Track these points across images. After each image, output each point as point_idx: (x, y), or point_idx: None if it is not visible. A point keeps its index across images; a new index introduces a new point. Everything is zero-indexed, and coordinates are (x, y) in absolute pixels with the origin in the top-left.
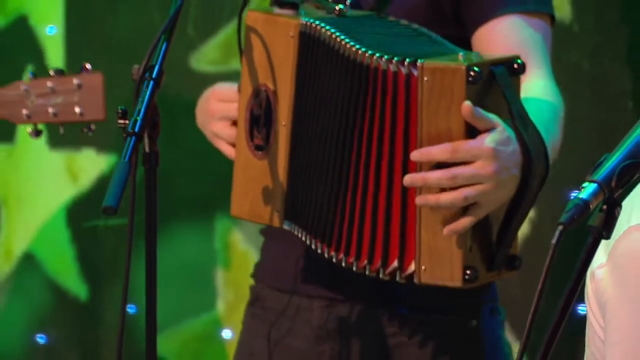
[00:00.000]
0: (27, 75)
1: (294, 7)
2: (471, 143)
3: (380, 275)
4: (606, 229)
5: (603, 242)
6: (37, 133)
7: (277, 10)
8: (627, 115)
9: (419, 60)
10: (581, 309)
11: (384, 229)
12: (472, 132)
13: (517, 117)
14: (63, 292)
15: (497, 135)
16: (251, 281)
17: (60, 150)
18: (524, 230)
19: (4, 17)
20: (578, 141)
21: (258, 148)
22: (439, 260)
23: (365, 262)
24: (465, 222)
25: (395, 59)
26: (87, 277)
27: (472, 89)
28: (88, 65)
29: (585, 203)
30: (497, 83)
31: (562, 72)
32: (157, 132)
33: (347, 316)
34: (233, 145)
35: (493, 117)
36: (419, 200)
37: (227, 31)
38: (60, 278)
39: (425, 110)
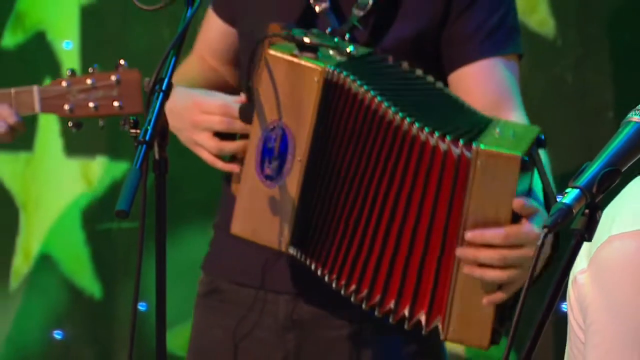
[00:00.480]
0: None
1: (314, 50)
2: (522, 230)
3: (404, 326)
4: (588, 231)
5: (585, 247)
6: (77, 126)
7: (297, 52)
8: (608, 126)
9: (473, 144)
10: (564, 306)
11: (416, 283)
12: (517, 216)
13: (550, 196)
14: (78, 290)
15: (540, 221)
16: (200, 273)
17: (75, 158)
18: None
19: (22, 32)
20: (562, 151)
21: (268, 177)
22: (468, 324)
23: (391, 306)
24: (502, 296)
25: (448, 137)
26: (101, 276)
27: (521, 175)
28: (123, 62)
29: (569, 207)
30: (534, 163)
31: (546, 84)
32: (166, 140)
33: (312, 309)
34: (215, 155)
35: (535, 204)
36: (467, 269)
37: None
38: (76, 277)
39: (475, 191)
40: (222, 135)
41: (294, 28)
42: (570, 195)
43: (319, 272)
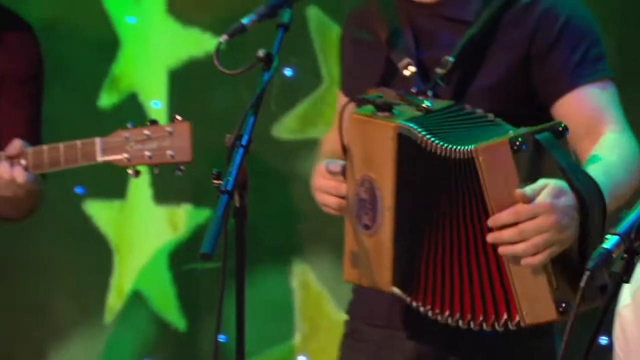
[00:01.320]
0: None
1: (389, 109)
2: (530, 205)
3: (496, 328)
4: (626, 274)
5: (629, 285)
6: (136, 173)
7: (376, 112)
8: None
9: (472, 145)
10: (602, 339)
11: (491, 289)
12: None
13: (567, 169)
14: (165, 324)
15: (549, 191)
16: (346, 317)
17: (163, 205)
18: None
19: (117, 94)
20: None
21: (366, 227)
22: (534, 302)
23: (481, 318)
24: (540, 257)
25: (459, 147)
26: (186, 311)
27: (519, 157)
28: (178, 117)
29: (609, 252)
30: (543, 147)
31: None
32: (245, 190)
33: (434, 345)
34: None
35: (541, 182)
36: (502, 249)
37: (303, 106)
38: (163, 312)
39: (489, 185)
40: None
41: (383, 91)
42: (610, 241)
43: (414, 304)
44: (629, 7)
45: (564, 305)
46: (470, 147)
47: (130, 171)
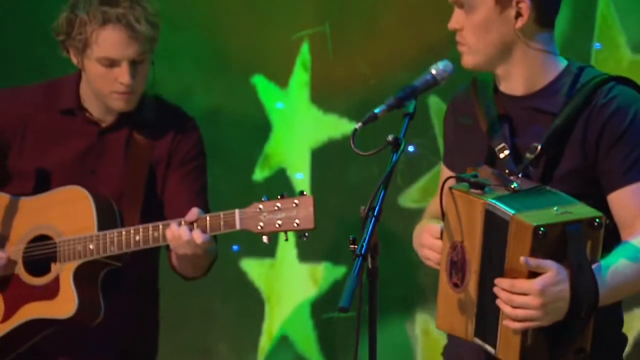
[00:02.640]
0: None
1: (482, 187)
2: (524, 282)
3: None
4: None
5: None
6: (269, 239)
7: (471, 189)
8: None
9: (511, 211)
10: None
11: (500, 328)
12: (533, 272)
13: (574, 265)
14: None
15: (547, 278)
16: (442, 359)
17: (306, 263)
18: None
19: (269, 169)
20: None
21: (455, 285)
22: (506, 345)
23: (497, 349)
24: (517, 325)
25: (508, 208)
26: (325, 353)
27: (538, 242)
28: (305, 192)
29: None
30: (568, 239)
31: None
32: (377, 253)
33: None
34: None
35: (548, 264)
36: (498, 301)
37: (424, 179)
38: (306, 354)
39: (510, 248)
40: None
41: (481, 169)
42: None
43: (490, 350)
44: None
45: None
46: (513, 213)
47: (265, 238)
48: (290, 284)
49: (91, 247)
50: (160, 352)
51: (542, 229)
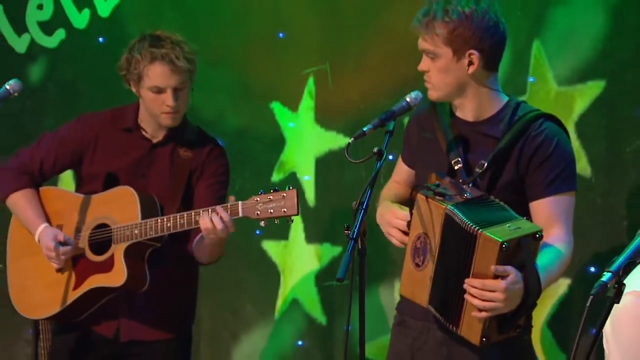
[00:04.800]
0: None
1: (443, 195)
2: (492, 282)
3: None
4: (617, 298)
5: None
6: (265, 224)
7: (434, 196)
8: (624, 232)
9: (480, 230)
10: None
11: (458, 313)
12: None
13: (527, 268)
14: (312, 319)
15: (510, 279)
16: (395, 312)
17: (311, 244)
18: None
19: (283, 173)
20: (590, 246)
21: (417, 265)
22: (469, 328)
23: (459, 329)
24: (484, 314)
25: (475, 227)
26: (325, 312)
27: (502, 253)
28: (289, 187)
29: (605, 283)
30: (521, 248)
31: (584, 204)
32: (365, 237)
33: (452, 334)
34: (400, 241)
35: (509, 269)
36: (467, 296)
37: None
38: (311, 312)
39: (477, 256)
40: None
41: (442, 178)
42: (606, 276)
43: (441, 319)
44: None
45: (484, 340)
46: (480, 230)
47: (262, 223)
48: (299, 260)
49: (136, 232)
50: (201, 311)
51: (505, 244)
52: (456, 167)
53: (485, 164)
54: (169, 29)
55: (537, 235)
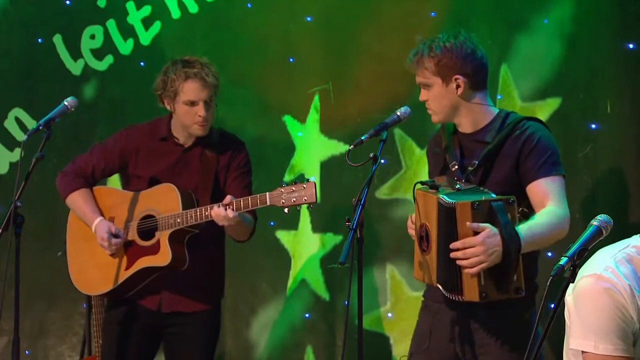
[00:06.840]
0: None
1: (436, 188)
2: (470, 238)
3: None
4: (572, 279)
5: (572, 284)
6: (289, 210)
7: (429, 190)
8: (575, 224)
9: (454, 200)
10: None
11: (459, 282)
12: (477, 233)
13: (502, 224)
14: (318, 296)
15: (485, 233)
16: (417, 295)
17: (317, 233)
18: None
19: (293, 174)
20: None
21: (423, 250)
22: (469, 289)
23: (463, 296)
24: (474, 270)
25: (452, 201)
26: (329, 289)
27: (476, 213)
28: (311, 178)
29: (562, 267)
30: (494, 211)
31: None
32: (363, 227)
33: (460, 313)
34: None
35: (484, 225)
36: (458, 262)
37: (391, 181)
38: (316, 289)
39: (459, 222)
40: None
41: (439, 178)
42: (563, 260)
43: (448, 295)
44: None
45: (484, 294)
46: (453, 201)
47: (286, 210)
48: (307, 246)
49: (178, 220)
50: (226, 289)
51: (476, 203)
52: (453, 169)
53: (477, 163)
54: (199, 55)
55: (511, 200)
